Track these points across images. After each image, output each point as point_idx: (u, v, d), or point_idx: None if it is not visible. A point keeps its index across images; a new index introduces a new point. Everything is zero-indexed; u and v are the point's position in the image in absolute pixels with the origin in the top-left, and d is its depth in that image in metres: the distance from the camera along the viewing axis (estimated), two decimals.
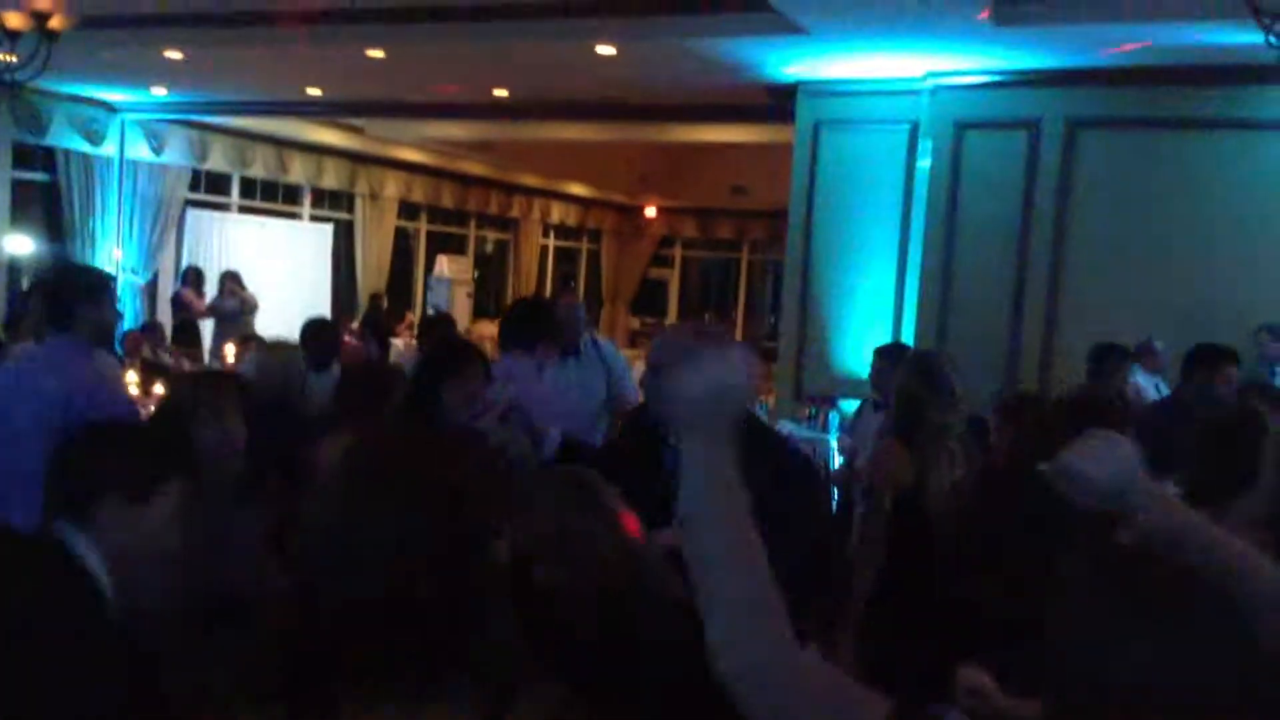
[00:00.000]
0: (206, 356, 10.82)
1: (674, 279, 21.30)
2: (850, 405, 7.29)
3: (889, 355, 5.66)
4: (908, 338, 7.89)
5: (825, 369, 8.15)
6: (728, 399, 1.32)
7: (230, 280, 11.71)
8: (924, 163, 7.76)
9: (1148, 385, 6.96)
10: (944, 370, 3.77)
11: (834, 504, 5.58)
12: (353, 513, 1.29)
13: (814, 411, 7.93)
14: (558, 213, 19.25)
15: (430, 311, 15.21)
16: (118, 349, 7.86)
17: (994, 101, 7.50)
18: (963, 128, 7.59)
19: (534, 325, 4.39)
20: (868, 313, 8.10)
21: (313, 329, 5.95)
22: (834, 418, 7.72)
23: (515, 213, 18.18)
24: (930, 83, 7.61)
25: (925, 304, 7.76)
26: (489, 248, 18.90)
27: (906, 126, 7.86)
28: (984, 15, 6.06)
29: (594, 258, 20.99)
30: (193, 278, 11.90)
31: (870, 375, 5.94)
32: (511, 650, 1.33)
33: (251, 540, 2.52)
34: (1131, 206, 7.17)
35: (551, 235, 19.78)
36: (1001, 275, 7.53)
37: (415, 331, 13.83)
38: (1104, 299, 7.24)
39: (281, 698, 1.27)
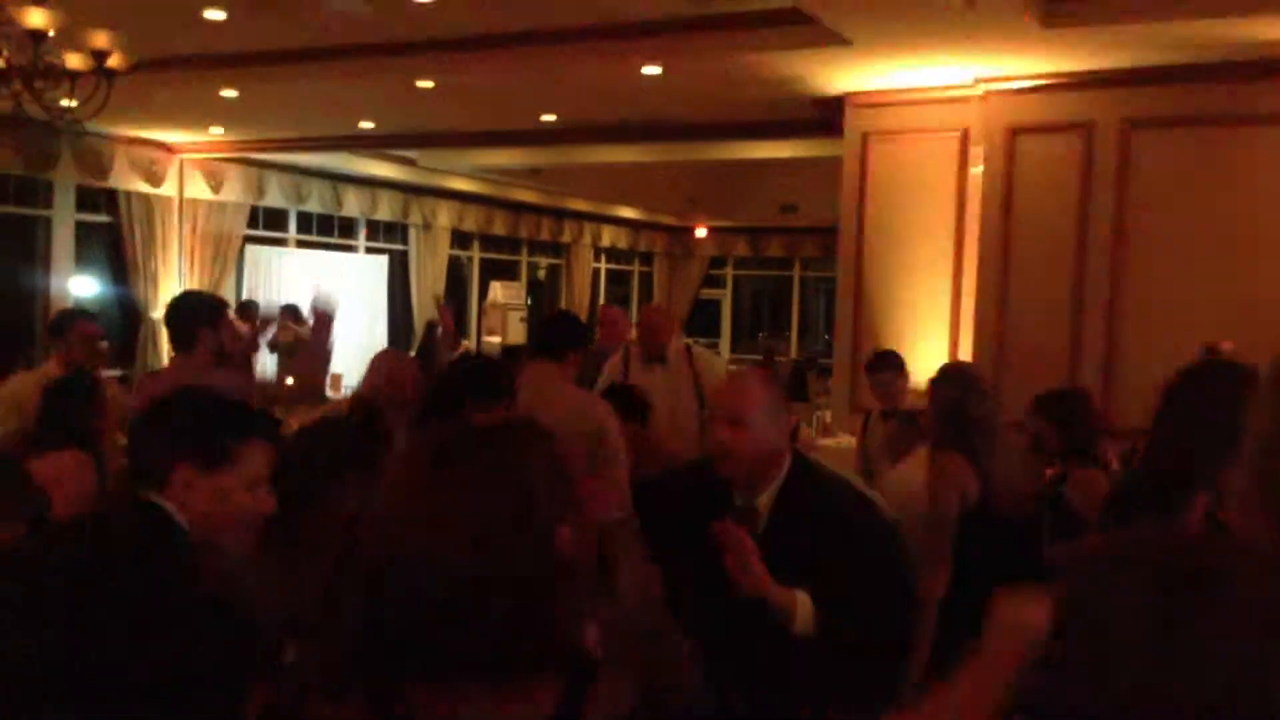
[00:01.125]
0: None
1: (726, 299, 21.28)
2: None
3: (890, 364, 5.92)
4: (965, 349, 7.80)
5: None
6: None
7: (288, 315, 11.86)
8: (976, 170, 7.68)
9: None
10: (975, 373, 3.91)
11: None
12: (427, 501, 1.29)
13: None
14: (608, 236, 19.34)
15: (485, 338, 15.33)
16: None
17: (1046, 104, 7.41)
18: (1015, 132, 7.51)
19: (562, 333, 4.37)
20: (924, 324, 8.02)
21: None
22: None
23: (566, 237, 18.29)
24: (980, 88, 7.55)
25: (982, 313, 7.66)
26: (541, 273, 19.02)
27: (957, 134, 7.79)
28: (1027, 18, 6.01)
29: (645, 280, 21.04)
30: (241, 311, 12.05)
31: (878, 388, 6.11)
32: (581, 642, 1.33)
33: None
34: (1190, 205, 7.03)
35: (603, 259, 19.87)
36: (1060, 280, 7.42)
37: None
38: (1165, 300, 7.10)
39: (359, 691, 1.27)
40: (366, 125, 10.60)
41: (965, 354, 7.81)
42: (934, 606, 3.55)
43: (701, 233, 20.16)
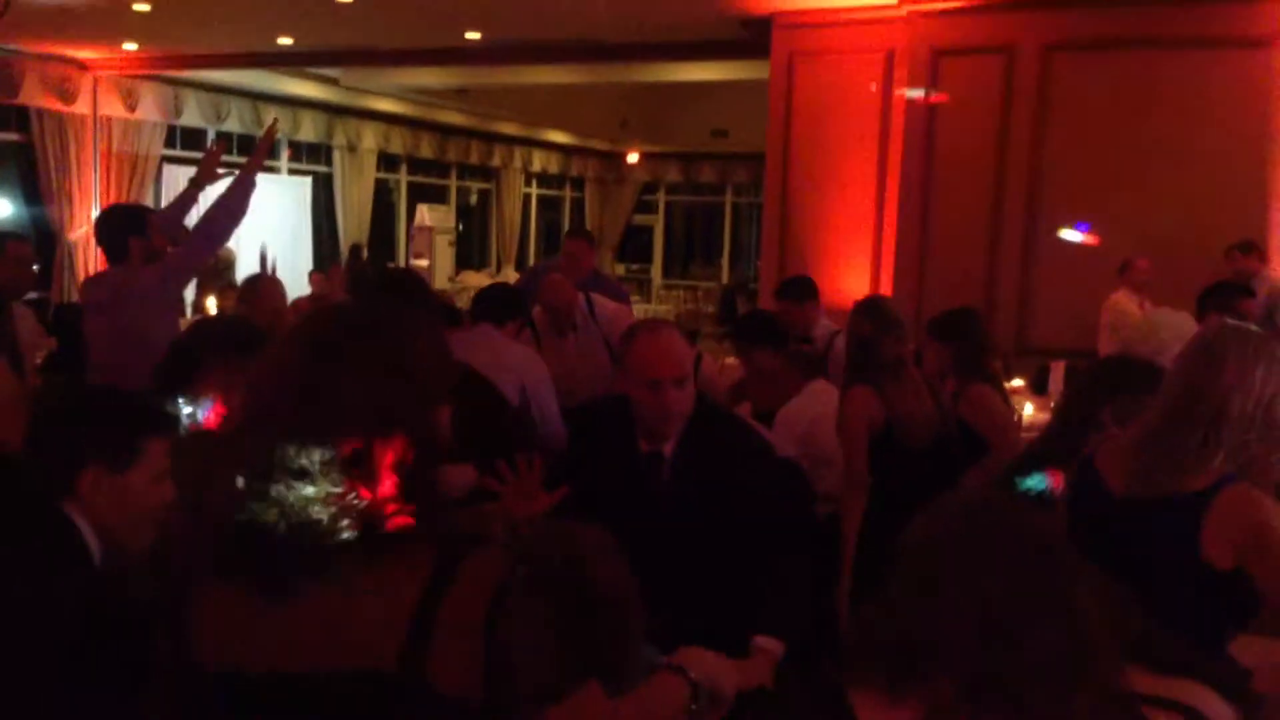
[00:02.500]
0: (189, 310, 10.79)
1: (659, 225, 21.25)
2: None
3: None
4: (887, 271, 7.91)
5: None
6: None
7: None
8: (901, 92, 7.73)
9: (1129, 303, 7.00)
10: (891, 309, 3.92)
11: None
12: (303, 376, 1.32)
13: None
14: (539, 161, 19.15)
15: (412, 261, 15.18)
16: None
17: (969, 27, 7.46)
18: (938, 54, 7.55)
19: (501, 306, 4.39)
20: (847, 245, 8.11)
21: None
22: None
23: (496, 162, 18.08)
24: (906, 9, 7.56)
25: (904, 234, 7.76)
26: (472, 198, 18.81)
27: (882, 55, 7.82)
28: None
29: (577, 205, 20.92)
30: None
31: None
32: (452, 512, 1.37)
33: None
34: (1108, 129, 7.15)
35: (534, 184, 19.69)
36: (980, 204, 7.54)
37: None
38: (1082, 220, 7.25)
39: (241, 574, 1.30)
40: (285, 41, 10.33)
41: (887, 276, 7.93)
42: (853, 531, 3.68)
43: (633, 158, 20.05)
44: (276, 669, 1.30)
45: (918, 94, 7.59)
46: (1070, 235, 6.97)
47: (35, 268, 5.94)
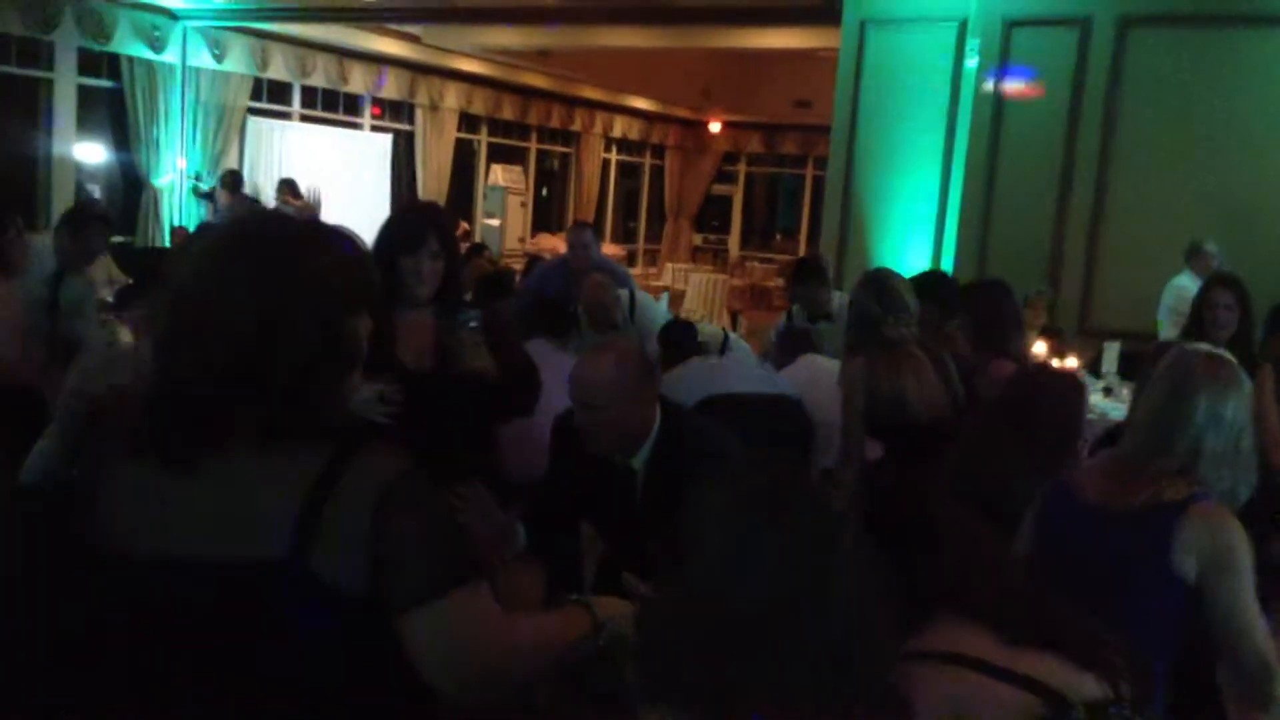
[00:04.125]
0: None
1: (738, 195, 21.13)
2: None
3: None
4: (950, 240, 7.79)
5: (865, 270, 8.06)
6: None
7: (286, 189, 11.87)
8: (971, 61, 7.57)
9: (1191, 288, 6.78)
10: (898, 288, 3.83)
11: None
12: (222, 274, 1.38)
13: None
14: (620, 127, 19.14)
15: (483, 221, 15.31)
16: None
17: None
18: (1012, 25, 7.39)
19: (556, 319, 4.52)
20: (911, 215, 7.99)
21: None
22: None
23: (577, 126, 18.11)
24: None
25: (969, 206, 7.63)
26: (554, 163, 18.90)
27: (955, 24, 7.66)
28: None
29: (657, 173, 20.88)
30: (229, 181, 11.95)
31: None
32: (350, 416, 1.44)
33: None
34: (1181, 105, 6.94)
35: (614, 150, 19.69)
36: (1048, 176, 7.38)
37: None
38: (1151, 199, 7.07)
39: (151, 454, 1.36)
40: None
41: (949, 250, 7.81)
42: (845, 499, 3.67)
43: (715, 127, 19.94)
44: (169, 553, 1.35)
45: (990, 64, 7.42)
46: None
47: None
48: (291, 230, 1.47)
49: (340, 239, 1.47)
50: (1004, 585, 1.62)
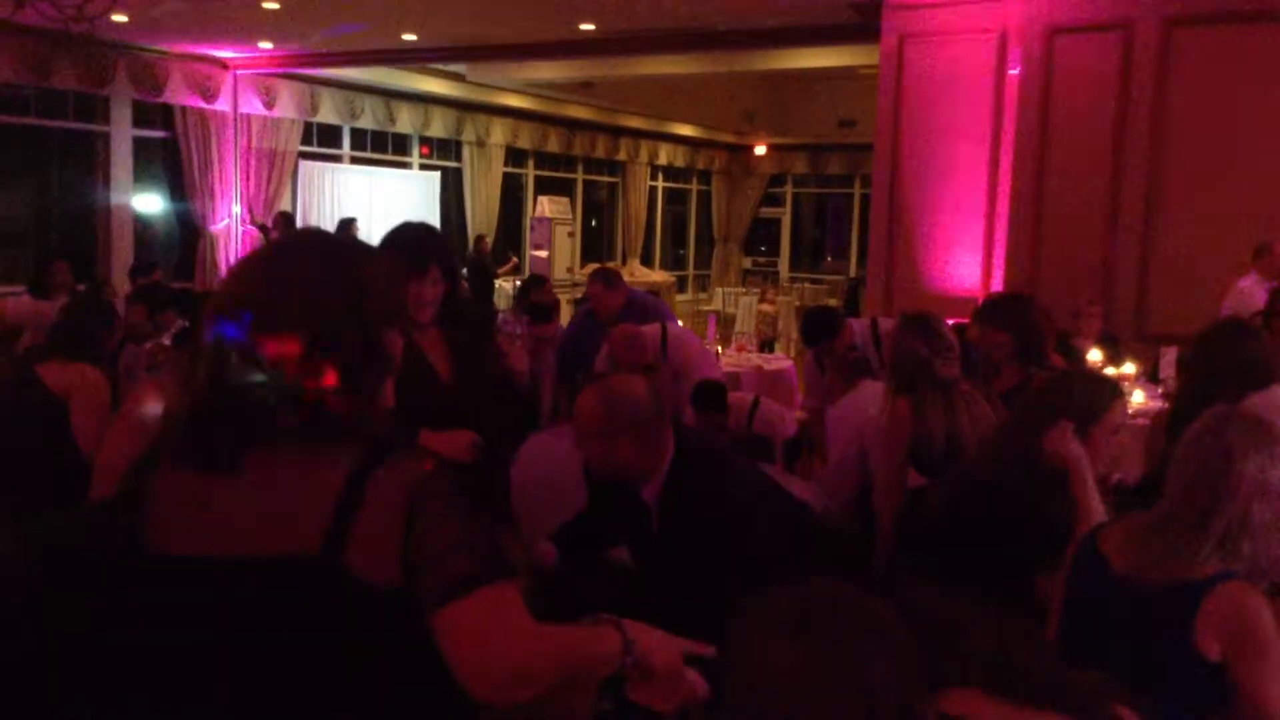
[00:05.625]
0: None
1: (786, 218, 21.10)
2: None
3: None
4: (999, 257, 7.70)
5: (915, 288, 8.01)
6: None
7: (348, 227, 12.07)
8: (1014, 72, 7.51)
9: (1256, 291, 6.63)
10: (942, 329, 3.82)
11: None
12: (265, 286, 1.44)
13: None
14: (666, 154, 19.23)
15: (531, 253, 15.43)
16: None
17: (1085, 3, 7.20)
18: (1054, 33, 7.31)
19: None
20: (959, 230, 7.92)
21: None
22: None
23: (622, 155, 18.23)
24: None
25: (1017, 220, 7.54)
26: (602, 193, 19.02)
27: (995, 35, 7.60)
28: None
29: (704, 198, 20.93)
30: (280, 224, 12.21)
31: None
32: (387, 418, 1.48)
33: None
34: (1230, 105, 6.81)
35: (660, 177, 19.78)
36: (1097, 187, 7.27)
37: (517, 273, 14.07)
38: (1203, 202, 6.93)
39: (192, 459, 1.42)
40: (409, 38, 10.64)
41: (999, 265, 7.72)
42: (886, 536, 3.67)
43: (760, 150, 19.95)
44: (209, 553, 1.39)
45: (1033, 74, 7.35)
46: None
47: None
48: (337, 242, 1.55)
49: (378, 256, 1.55)
50: (1000, 651, 1.62)
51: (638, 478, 2.66)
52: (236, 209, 12.62)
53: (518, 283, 12.93)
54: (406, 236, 2.85)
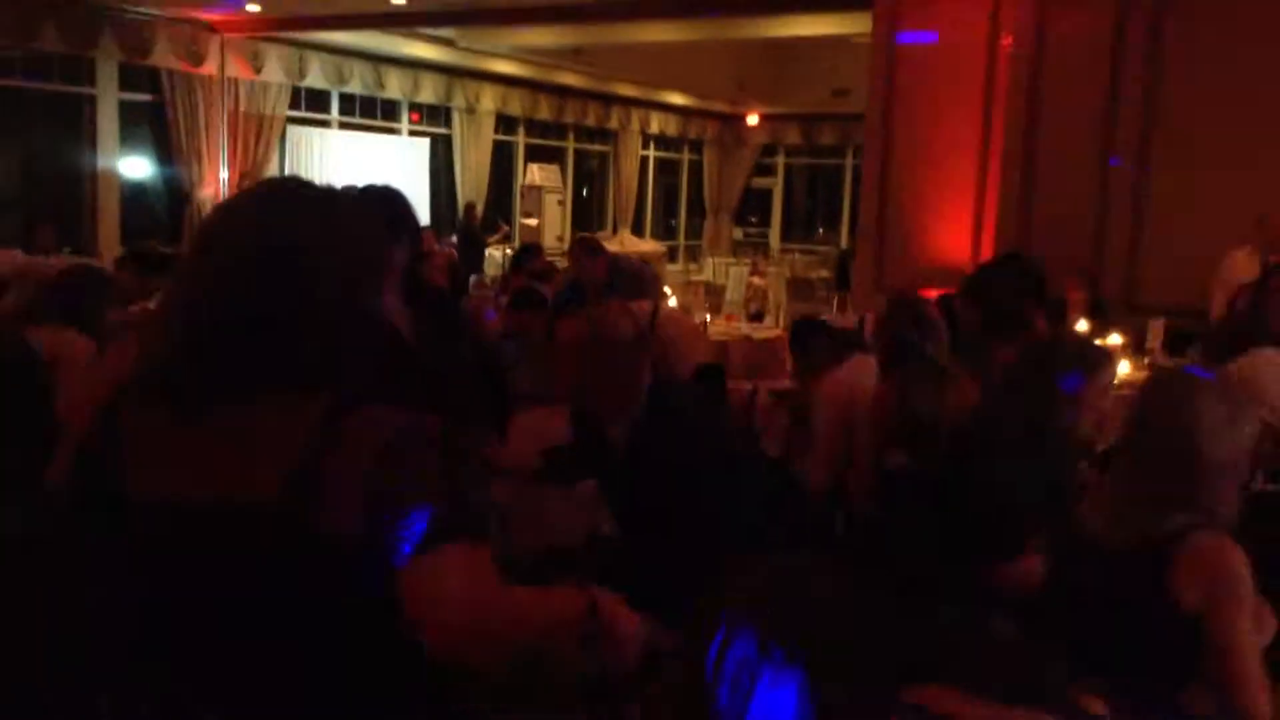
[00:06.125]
0: None
1: (778, 188, 21.03)
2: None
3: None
4: (989, 227, 7.69)
5: (905, 259, 7.99)
6: None
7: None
8: (1006, 42, 7.47)
9: (1250, 263, 6.60)
10: (929, 313, 3.88)
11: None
12: (236, 240, 1.44)
13: None
14: (657, 123, 19.12)
15: (521, 220, 15.38)
16: None
17: None
18: (1046, 6, 7.27)
19: None
20: (950, 201, 7.90)
21: None
22: None
23: (614, 124, 18.13)
24: None
25: (1007, 192, 7.52)
26: (593, 162, 18.92)
27: (988, 7, 7.56)
28: None
29: (695, 168, 20.83)
30: None
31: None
32: (348, 361, 1.45)
33: None
34: (1224, 73, 6.78)
35: (652, 146, 19.67)
36: (1087, 158, 7.25)
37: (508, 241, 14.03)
38: (1195, 173, 6.91)
39: (165, 400, 1.41)
40: (398, 1, 10.53)
41: (989, 235, 7.71)
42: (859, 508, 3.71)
43: (753, 120, 19.85)
44: (177, 498, 1.38)
45: (1024, 47, 7.31)
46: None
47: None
48: (330, 195, 1.52)
49: (369, 219, 1.53)
50: (963, 641, 1.63)
51: (613, 410, 2.66)
52: (224, 174, 12.52)
53: (508, 251, 12.91)
54: (376, 202, 2.81)
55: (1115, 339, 6.04)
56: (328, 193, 1.53)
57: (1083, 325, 6.01)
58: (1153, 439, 2.18)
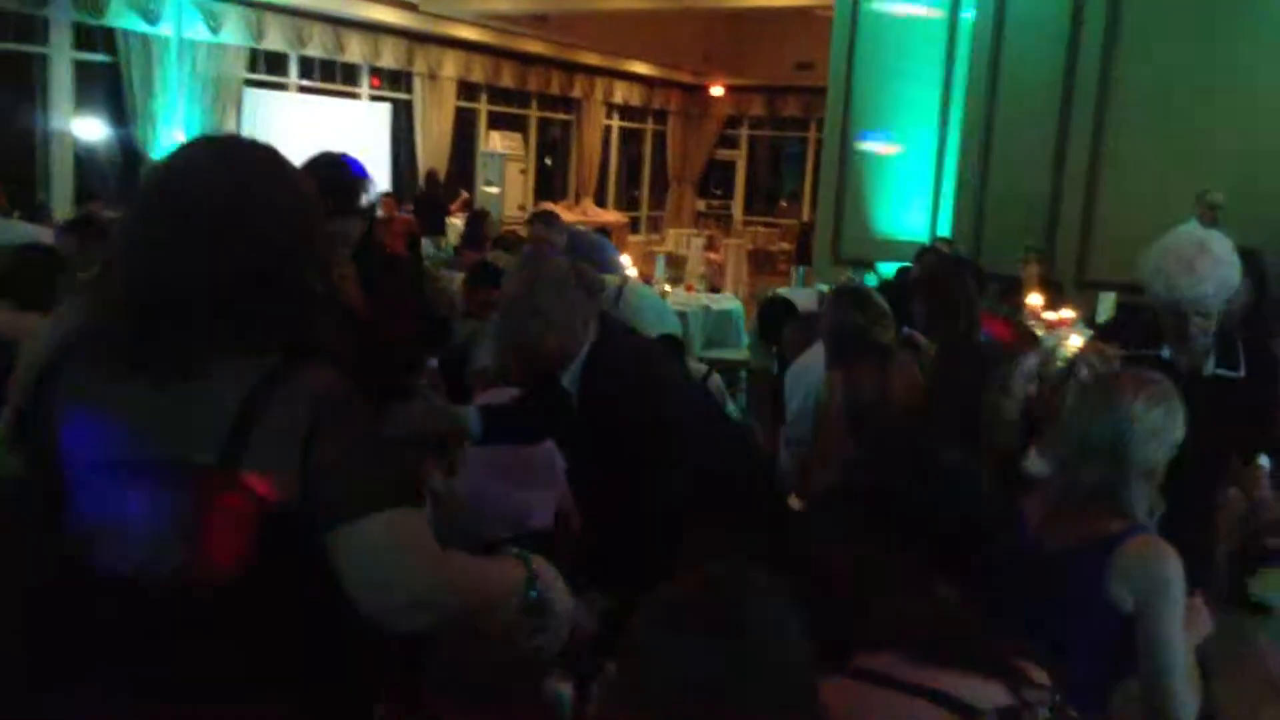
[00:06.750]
0: None
1: (741, 160, 21.02)
2: (889, 269, 7.21)
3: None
4: (948, 199, 7.75)
5: (863, 233, 8.05)
6: None
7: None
8: (967, 15, 7.51)
9: None
10: (875, 297, 3.90)
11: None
12: (232, 192, 1.42)
13: (851, 275, 7.86)
14: (621, 93, 19.03)
15: (481, 188, 15.29)
16: None
17: None
18: None
19: None
20: (909, 174, 7.95)
21: None
22: (870, 280, 7.65)
23: (577, 93, 18.01)
24: None
25: (964, 166, 7.58)
26: (556, 131, 18.81)
27: None
28: None
29: (659, 139, 20.78)
30: None
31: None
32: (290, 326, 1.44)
33: None
34: (1180, 54, 6.87)
35: (615, 116, 19.58)
36: (1044, 132, 7.32)
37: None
38: (1149, 151, 7.02)
39: (127, 353, 1.39)
40: None
41: (947, 204, 7.77)
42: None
43: (717, 91, 19.81)
44: (114, 457, 1.37)
45: (985, 16, 7.35)
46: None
47: None
48: (272, 155, 1.50)
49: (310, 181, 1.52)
50: (910, 611, 1.65)
51: (559, 358, 2.61)
52: (181, 136, 12.32)
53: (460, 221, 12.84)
54: (331, 172, 2.74)
55: (1067, 313, 6.13)
56: (272, 155, 1.51)
57: (1036, 299, 6.09)
58: (1088, 440, 2.19)
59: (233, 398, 1.34)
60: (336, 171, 2.73)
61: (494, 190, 15.08)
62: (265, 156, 1.48)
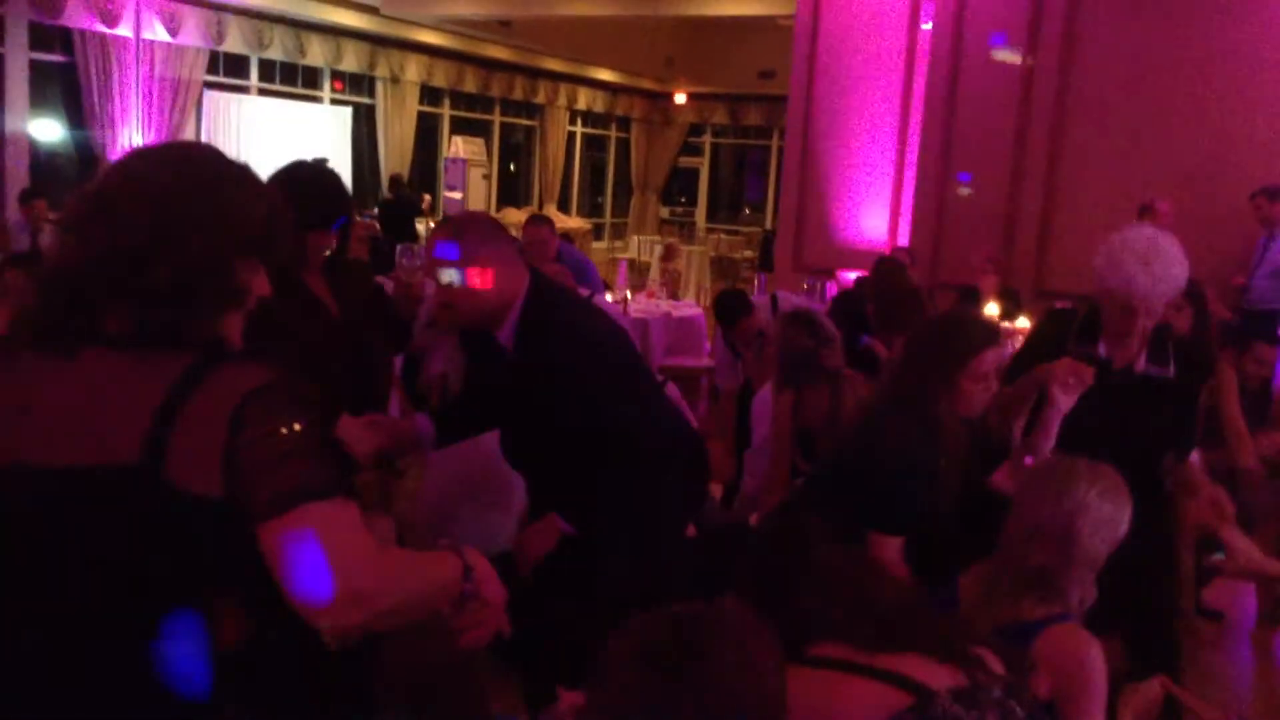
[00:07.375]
0: None
1: (705, 167, 21.09)
2: (851, 277, 7.26)
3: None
4: (906, 208, 7.81)
5: (824, 241, 8.09)
6: None
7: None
8: (926, 25, 7.57)
9: None
10: (825, 322, 3.98)
11: None
12: (124, 175, 1.44)
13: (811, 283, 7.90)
14: (585, 99, 19.03)
15: (445, 194, 15.24)
16: None
17: None
18: None
19: None
20: (869, 183, 8.00)
21: None
22: (832, 289, 7.70)
23: (540, 99, 17.99)
24: None
25: (924, 174, 7.64)
26: (519, 136, 18.78)
27: None
28: None
29: (623, 146, 20.80)
30: None
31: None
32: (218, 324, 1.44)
33: None
34: (1136, 66, 6.97)
35: (579, 122, 19.58)
36: (1002, 141, 7.40)
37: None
38: (1106, 162, 7.10)
39: (55, 336, 1.38)
40: None
41: (906, 216, 7.83)
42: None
43: (681, 99, 19.86)
44: (28, 460, 1.34)
45: (944, 28, 7.42)
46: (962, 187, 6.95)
47: None
48: (216, 160, 1.48)
49: (266, 194, 1.48)
50: (862, 603, 1.68)
51: (494, 313, 2.58)
52: (138, 139, 12.18)
53: (431, 224, 12.80)
54: (317, 187, 2.72)
55: (1023, 322, 6.19)
56: (184, 149, 1.51)
57: (993, 309, 6.15)
58: (1040, 526, 2.17)
59: (153, 396, 1.32)
60: (324, 188, 2.73)
61: (457, 195, 15.04)
62: (175, 149, 1.50)
